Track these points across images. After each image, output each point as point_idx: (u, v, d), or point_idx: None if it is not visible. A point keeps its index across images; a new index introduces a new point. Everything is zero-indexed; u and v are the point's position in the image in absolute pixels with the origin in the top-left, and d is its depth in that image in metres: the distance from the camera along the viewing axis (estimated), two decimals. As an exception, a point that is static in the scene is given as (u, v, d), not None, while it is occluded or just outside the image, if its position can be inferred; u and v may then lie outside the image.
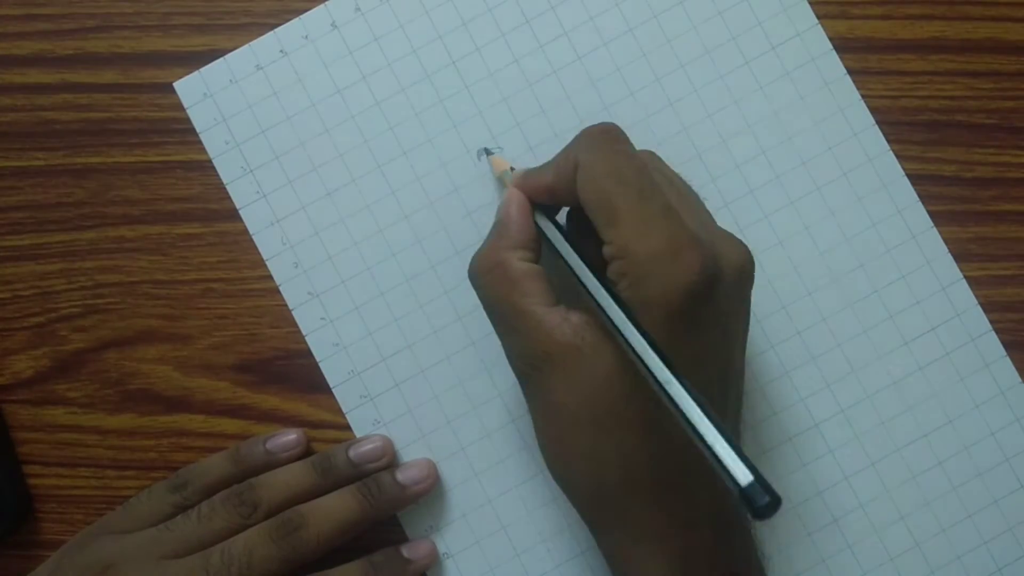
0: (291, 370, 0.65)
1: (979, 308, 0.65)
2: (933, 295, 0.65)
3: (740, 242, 0.54)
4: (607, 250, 0.50)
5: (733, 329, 0.54)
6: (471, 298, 0.62)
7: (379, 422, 0.64)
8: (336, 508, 0.60)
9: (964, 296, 0.65)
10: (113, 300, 0.65)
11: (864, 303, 0.65)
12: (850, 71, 0.66)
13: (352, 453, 0.62)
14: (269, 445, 0.63)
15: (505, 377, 0.64)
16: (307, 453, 0.64)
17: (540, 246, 0.57)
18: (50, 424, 0.65)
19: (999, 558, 0.64)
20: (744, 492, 0.41)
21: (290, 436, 0.63)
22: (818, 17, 0.66)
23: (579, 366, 0.51)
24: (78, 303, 0.65)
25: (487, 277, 0.55)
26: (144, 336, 0.65)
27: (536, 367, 0.53)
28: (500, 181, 0.63)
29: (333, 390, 0.64)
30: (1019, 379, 0.65)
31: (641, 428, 0.51)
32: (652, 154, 0.57)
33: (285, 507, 0.60)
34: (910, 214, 0.65)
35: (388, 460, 0.63)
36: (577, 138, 0.55)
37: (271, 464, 0.63)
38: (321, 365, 0.65)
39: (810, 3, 0.66)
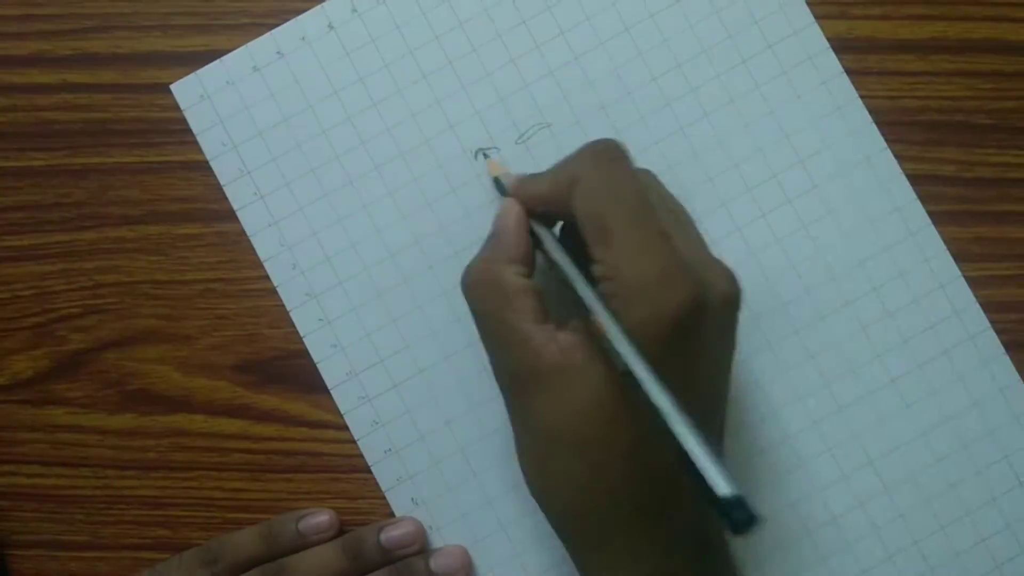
0: (291, 370, 0.65)
1: (978, 306, 0.65)
2: (931, 293, 0.65)
3: (730, 271, 0.53)
4: (597, 269, 0.49)
5: (718, 357, 0.54)
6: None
7: (377, 423, 0.64)
8: None
9: (963, 294, 0.65)
10: (113, 300, 0.65)
11: (862, 301, 0.65)
12: (850, 71, 0.66)
13: (383, 537, 0.62)
14: (301, 526, 0.63)
15: (503, 377, 0.64)
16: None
17: (534, 260, 0.56)
18: (50, 424, 0.65)
19: (997, 556, 0.64)
20: (723, 506, 0.41)
21: (322, 518, 0.63)
22: (818, 17, 0.66)
23: (565, 387, 0.51)
24: (78, 303, 0.65)
25: (479, 290, 0.55)
26: (144, 336, 0.65)
27: (522, 384, 0.52)
28: (496, 184, 0.63)
29: (331, 391, 0.64)
30: (1018, 377, 0.65)
31: (624, 454, 0.51)
32: (649, 173, 0.57)
33: None
34: (908, 212, 0.65)
35: (420, 546, 0.63)
36: (578, 152, 0.54)
37: (302, 546, 0.62)
38: (319, 366, 0.65)
39: (808, 3, 0.66)
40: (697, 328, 0.49)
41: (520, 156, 0.65)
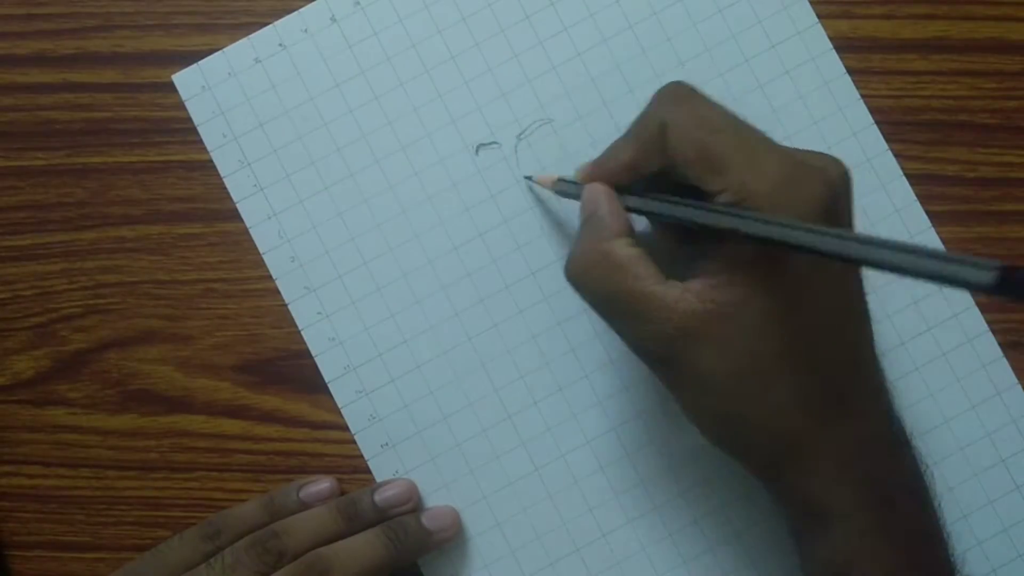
0: (292, 370, 0.65)
1: (976, 308, 0.65)
2: (930, 295, 0.65)
3: (831, 156, 0.53)
4: (724, 198, 0.49)
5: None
6: (467, 294, 0.63)
7: (374, 417, 0.64)
8: (361, 551, 0.60)
9: (961, 297, 0.65)
10: (114, 300, 0.65)
11: (861, 302, 0.64)
12: (853, 71, 0.66)
13: (378, 497, 0.62)
14: (302, 494, 0.63)
15: (501, 373, 0.64)
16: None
17: (634, 233, 0.55)
18: (51, 425, 0.65)
19: (994, 559, 0.64)
20: (1000, 281, 0.38)
21: (323, 486, 0.63)
22: (821, 16, 0.66)
23: (722, 327, 0.50)
24: (79, 303, 0.65)
25: (593, 272, 0.54)
26: (145, 336, 0.65)
27: (673, 345, 0.51)
28: (561, 191, 0.62)
29: (329, 385, 0.64)
30: (1015, 381, 0.64)
31: (805, 367, 0.51)
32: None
33: None
34: (908, 214, 0.65)
35: (413, 504, 0.63)
36: (652, 104, 0.54)
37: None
38: (317, 360, 0.65)
39: (811, 2, 0.66)
40: (838, 212, 0.50)
41: (521, 152, 0.65)
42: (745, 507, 0.64)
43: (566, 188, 0.60)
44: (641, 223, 0.57)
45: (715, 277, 0.50)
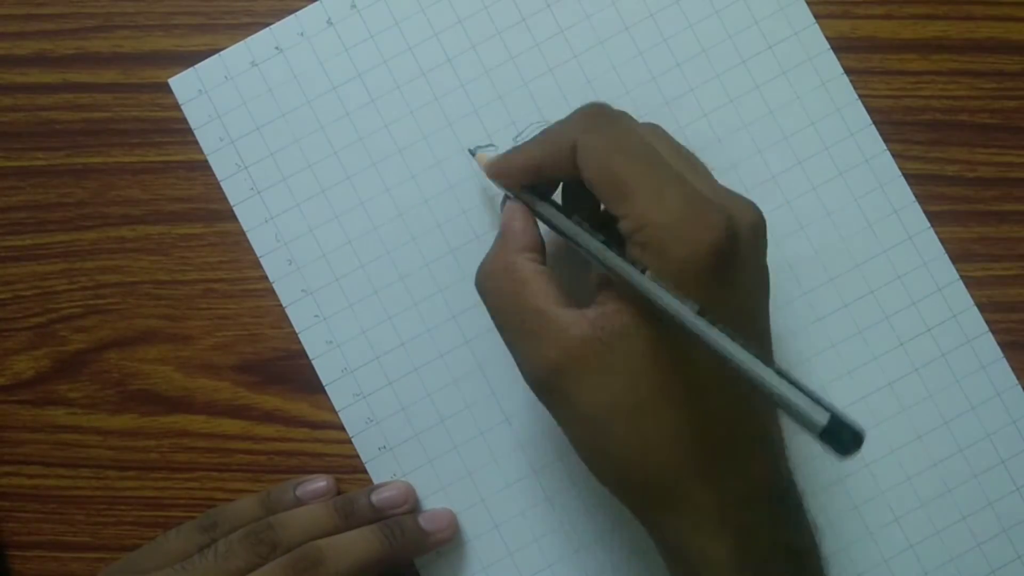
0: (292, 370, 0.65)
1: (975, 309, 0.64)
2: (929, 296, 0.64)
3: (749, 201, 0.53)
4: (624, 225, 0.49)
5: (755, 289, 0.54)
6: (465, 296, 0.63)
7: (372, 420, 0.64)
8: (356, 546, 0.60)
9: (961, 297, 0.64)
10: (114, 300, 0.66)
11: (859, 304, 0.64)
12: (853, 71, 0.66)
13: (375, 498, 0.62)
14: (299, 492, 0.63)
15: (499, 375, 0.65)
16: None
17: (546, 251, 0.56)
18: (51, 425, 0.65)
19: (993, 560, 0.63)
20: (826, 432, 0.41)
21: (320, 483, 0.63)
22: (821, 17, 0.65)
23: (608, 357, 0.50)
24: (79, 303, 0.66)
25: (495, 281, 0.54)
26: (145, 336, 0.66)
27: (558, 371, 0.51)
28: (488, 175, 0.61)
29: (326, 388, 0.65)
30: (1015, 381, 0.64)
31: (686, 403, 0.50)
32: (655, 126, 0.57)
33: None
34: (907, 214, 0.65)
35: (410, 506, 0.63)
36: (570, 119, 0.54)
37: None
38: (314, 363, 0.65)
39: (811, 3, 0.66)
40: (734, 258, 0.49)
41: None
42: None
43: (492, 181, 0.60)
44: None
45: (608, 305, 0.51)
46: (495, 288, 0.54)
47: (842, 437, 0.40)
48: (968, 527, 0.64)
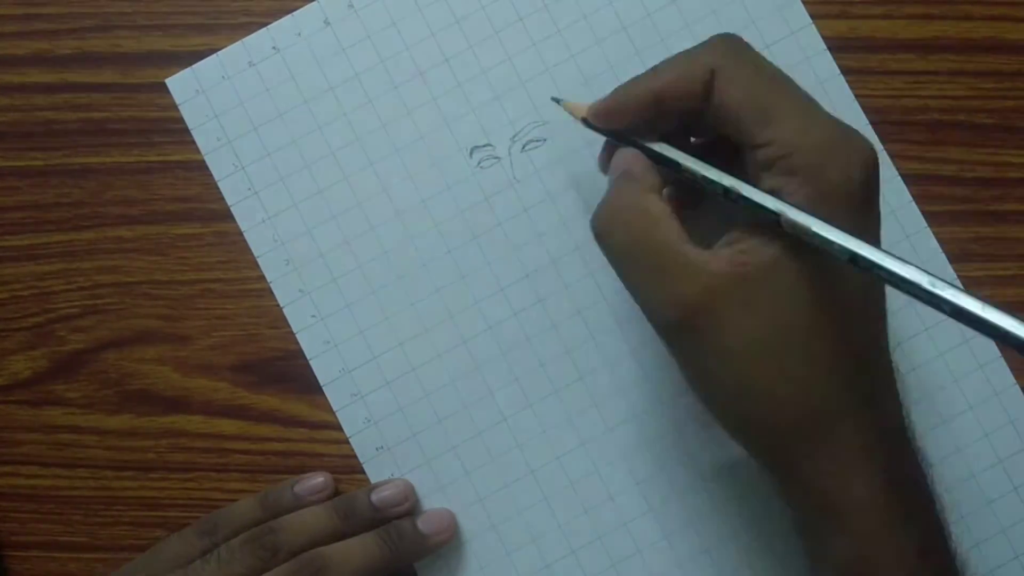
0: (290, 370, 0.65)
1: (973, 307, 0.64)
2: (927, 295, 0.64)
3: (866, 138, 0.52)
4: (768, 152, 0.49)
5: (881, 220, 0.52)
6: (462, 296, 0.63)
7: (370, 420, 0.64)
8: (357, 553, 0.60)
9: (958, 296, 0.64)
10: (112, 300, 0.66)
11: (857, 304, 0.64)
12: (851, 71, 0.66)
13: (374, 498, 0.62)
14: (297, 489, 0.63)
15: (496, 375, 0.64)
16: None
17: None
18: (48, 425, 0.65)
19: (992, 560, 0.63)
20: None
21: (317, 480, 0.63)
22: (819, 17, 0.66)
23: (753, 290, 0.49)
24: (76, 303, 0.66)
25: (623, 222, 0.52)
26: (143, 336, 0.66)
27: (697, 309, 0.49)
28: (586, 124, 0.58)
29: (324, 388, 0.65)
30: (1013, 381, 0.64)
31: (835, 338, 0.49)
32: None
33: (305, 551, 0.60)
34: (904, 214, 0.65)
35: (410, 505, 0.63)
36: (703, 47, 0.52)
37: (299, 508, 0.62)
38: (312, 363, 0.65)
39: (809, 3, 0.66)
40: (878, 185, 0.49)
41: (515, 154, 0.65)
42: (742, 507, 0.64)
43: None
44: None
45: (746, 241, 0.49)
46: (623, 226, 0.52)
47: None
48: (967, 527, 0.63)
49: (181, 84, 0.66)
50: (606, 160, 0.57)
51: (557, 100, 0.60)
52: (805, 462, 0.51)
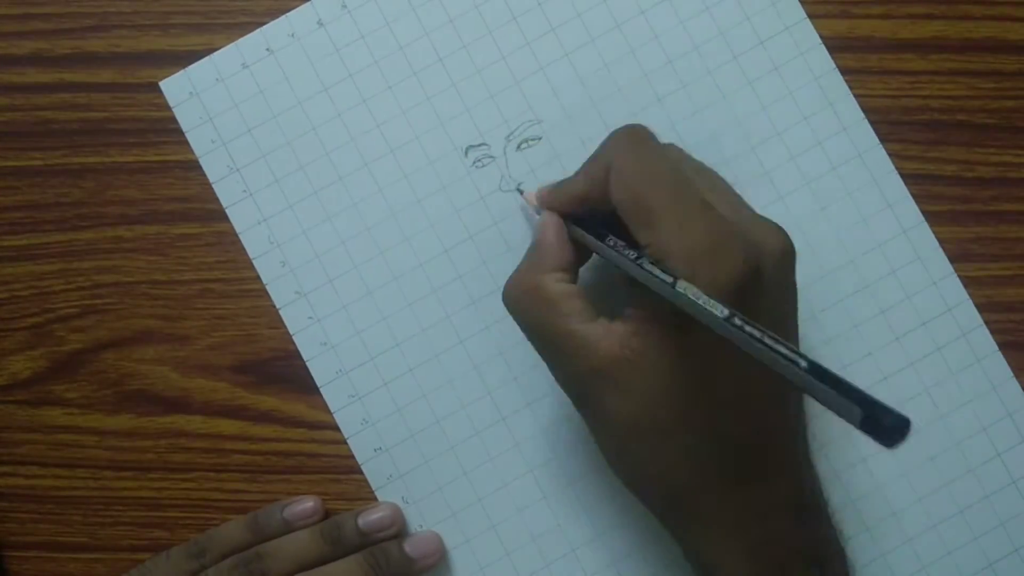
0: (289, 371, 0.65)
1: (970, 303, 0.64)
2: (924, 290, 0.64)
3: (777, 226, 0.53)
4: (650, 251, 0.49)
5: (781, 313, 0.54)
6: (459, 296, 0.63)
7: (367, 421, 0.64)
8: None
9: (955, 291, 0.64)
10: (111, 300, 0.66)
11: (854, 298, 0.64)
12: (850, 70, 0.65)
13: (361, 522, 0.62)
14: (286, 514, 0.63)
15: (494, 375, 0.64)
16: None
17: (577, 267, 0.56)
18: (47, 425, 0.66)
19: (990, 554, 0.63)
20: (867, 421, 0.40)
21: (307, 504, 0.63)
22: (818, 16, 0.65)
23: (632, 376, 0.51)
24: (76, 303, 0.66)
25: (523, 301, 0.55)
26: (142, 336, 0.66)
27: (588, 385, 0.53)
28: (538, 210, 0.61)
29: (321, 389, 0.65)
30: (1010, 374, 0.64)
31: (706, 424, 0.51)
32: (676, 147, 0.57)
33: None
34: (900, 209, 0.64)
35: (397, 529, 0.63)
36: (606, 141, 0.54)
37: (288, 533, 0.63)
38: (309, 364, 0.65)
39: (809, 2, 0.65)
40: (756, 290, 0.49)
41: (510, 153, 0.65)
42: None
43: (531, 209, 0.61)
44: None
45: (636, 324, 0.51)
46: (524, 309, 0.55)
47: (884, 424, 0.39)
48: (965, 520, 0.63)
49: (175, 87, 0.66)
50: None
51: (520, 191, 0.65)
52: (685, 530, 0.55)
